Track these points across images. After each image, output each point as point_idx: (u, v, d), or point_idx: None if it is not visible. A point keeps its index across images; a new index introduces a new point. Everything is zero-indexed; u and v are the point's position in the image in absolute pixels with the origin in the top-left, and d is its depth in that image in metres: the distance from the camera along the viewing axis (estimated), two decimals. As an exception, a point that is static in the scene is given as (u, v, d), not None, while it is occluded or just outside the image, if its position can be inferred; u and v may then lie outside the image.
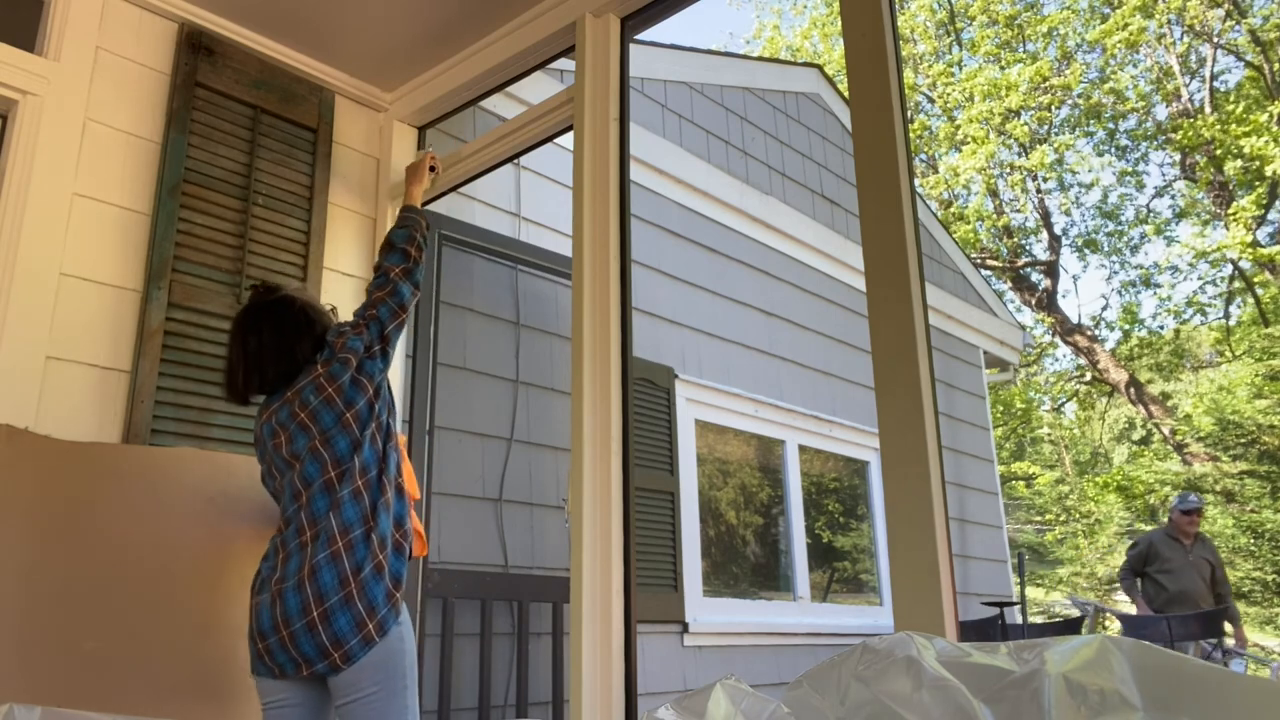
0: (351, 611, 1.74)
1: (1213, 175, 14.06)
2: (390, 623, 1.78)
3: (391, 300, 2.10)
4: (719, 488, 4.72)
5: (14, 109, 2.33)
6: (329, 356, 1.99)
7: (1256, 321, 14.32)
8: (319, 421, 1.91)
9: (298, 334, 2.03)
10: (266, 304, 2.07)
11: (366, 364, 1.99)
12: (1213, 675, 0.80)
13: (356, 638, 1.74)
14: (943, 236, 6.90)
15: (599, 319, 2.22)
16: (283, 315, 2.04)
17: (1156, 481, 13.01)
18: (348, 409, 1.92)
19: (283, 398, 1.99)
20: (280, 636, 1.77)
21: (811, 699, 0.94)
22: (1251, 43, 14.12)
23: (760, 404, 4.78)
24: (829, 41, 16.97)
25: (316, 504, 1.85)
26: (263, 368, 2.02)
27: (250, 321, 2.06)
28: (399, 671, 1.78)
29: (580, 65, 2.42)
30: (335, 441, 1.89)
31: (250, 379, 2.03)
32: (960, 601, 1.36)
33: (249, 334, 2.04)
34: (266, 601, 1.82)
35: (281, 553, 1.86)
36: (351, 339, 2.01)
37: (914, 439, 1.56)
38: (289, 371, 2.01)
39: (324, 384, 1.94)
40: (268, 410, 2.03)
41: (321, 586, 1.75)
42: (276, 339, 2.02)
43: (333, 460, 1.88)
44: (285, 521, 1.91)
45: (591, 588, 2.06)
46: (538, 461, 3.55)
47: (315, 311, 2.10)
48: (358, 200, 3.01)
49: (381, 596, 1.79)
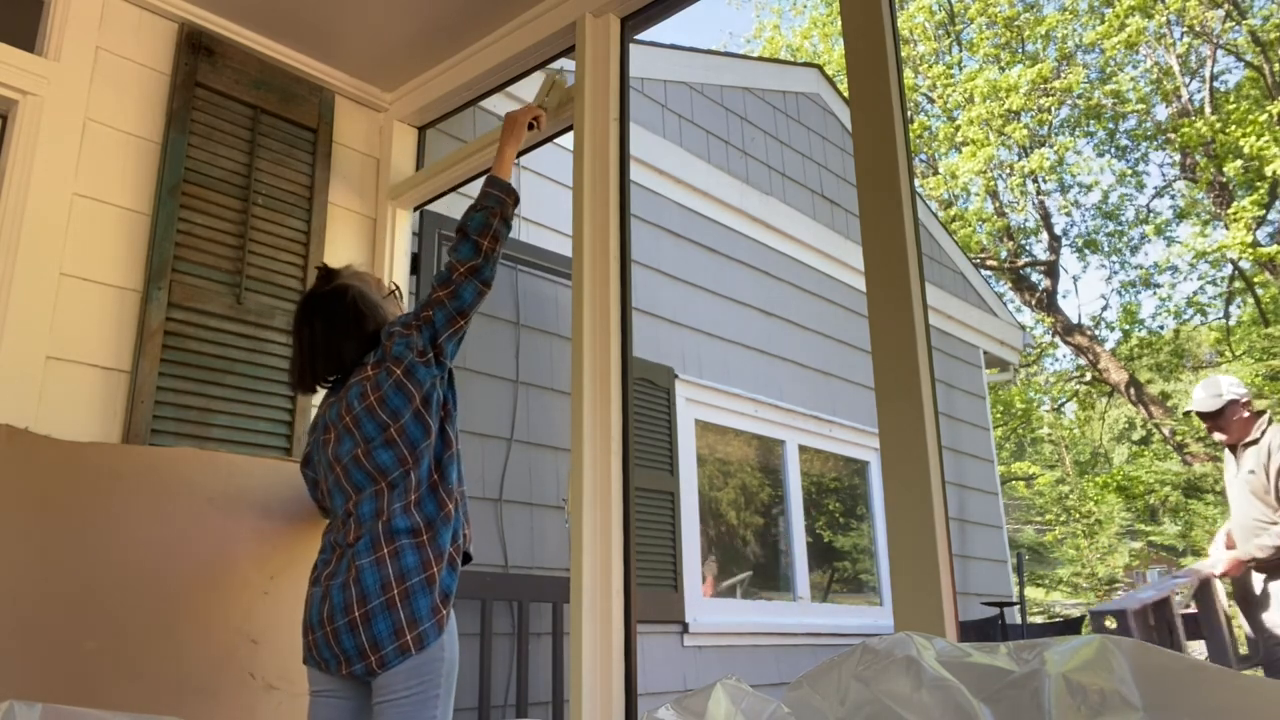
0: (392, 617, 1.71)
1: (1213, 175, 14.06)
2: (431, 637, 1.73)
3: (450, 304, 1.90)
4: (719, 488, 4.72)
5: (14, 109, 2.32)
6: (379, 359, 1.89)
7: (1256, 321, 14.31)
8: (362, 429, 1.85)
9: (345, 332, 1.95)
10: (320, 295, 2.00)
11: (418, 370, 1.85)
12: (1213, 675, 0.80)
13: (393, 645, 1.70)
14: (943, 237, 6.90)
15: (599, 319, 2.22)
16: (333, 310, 1.97)
17: (1156, 481, 13.01)
18: (393, 421, 1.82)
19: (339, 393, 1.95)
20: (325, 632, 1.77)
21: (811, 699, 0.94)
22: (1251, 43, 14.12)
23: (760, 404, 4.78)
24: (829, 41, 16.97)
25: (364, 509, 1.81)
26: (314, 362, 1.99)
27: (305, 312, 2.01)
28: (434, 680, 1.73)
29: (580, 65, 2.42)
30: (378, 454, 1.82)
31: (306, 371, 2.00)
32: (960, 601, 1.36)
33: (303, 325, 2.00)
34: (318, 595, 1.81)
35: (336, 549, 1.85)
36: (399, 343, 1.88)
37: (914, 439, 1.56)
38: (339, 368, 1.97)
39: (368, 390, 1.86)
40: (326, 402, 2.01)
41: (365, 589, 1.73)
42: (326, 335, 1.96)
43: (378, 472, 1.82)
44: (338, 519, 1.88)
45: (591, 588, 2.06)
46: (538, 461, 3.55)
47: (368, 305, 1.98)
48: (358, 200, 3.01)
49: (426, 609, 1.73)
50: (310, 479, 2.09)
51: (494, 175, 2.09)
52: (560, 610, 3.30)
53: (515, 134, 2.27)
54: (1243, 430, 3.74)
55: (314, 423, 2.06)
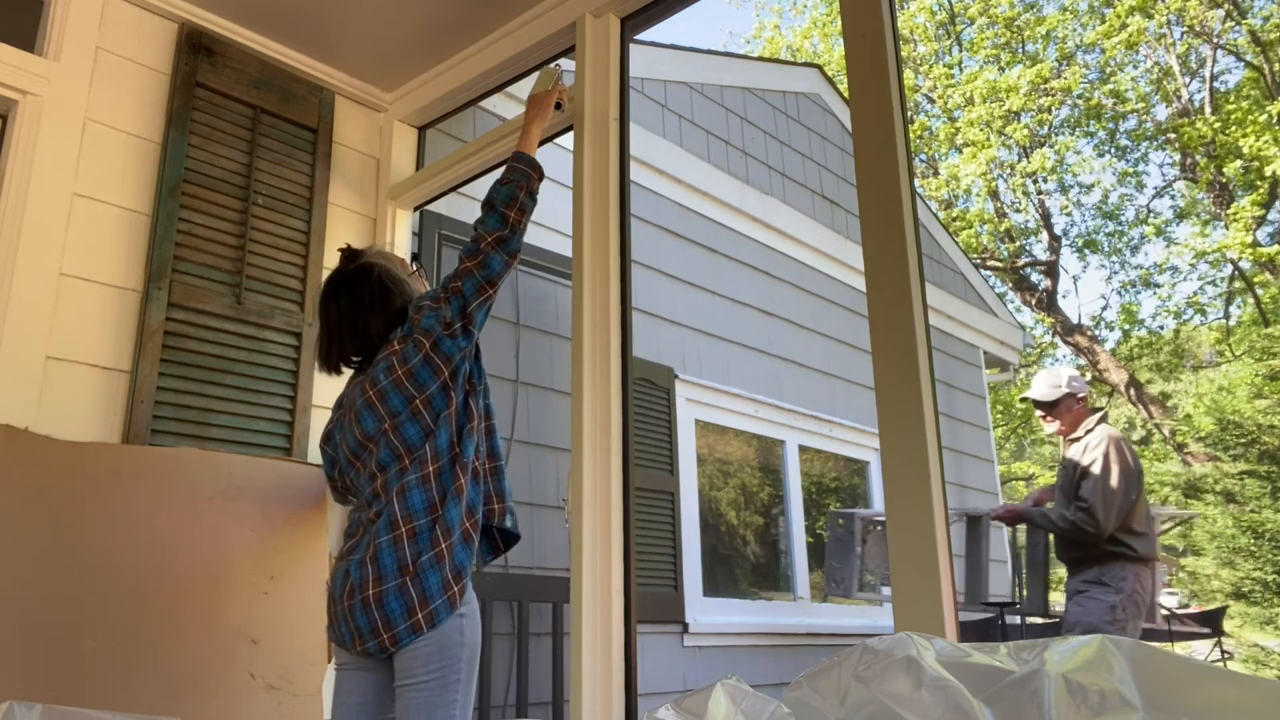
0: (404, 597, 1.72)
1: (1213, 175, 14.06)
2: (443, 614, 1.73)
3: (479, 273, 1.91)
4: (719, 488, 4.72)
5: (14, 109, 2.32)
6: (406, 333, 1.90)
7: (1256, 321, 14.31)
8: (387, 403, 1.85)
9: (372, 309, 1.96)
10: (346, 274, 2.01)
11: (445, 343, 1.86)
12: (1213, 675, 0.80)
13: (405, 624, 1.72)
14: (943, 237, 6.90)
15: (599, 319, 2.22)
16: (359, 288, 1.98)
17: (1156, 481, 13.00)
18: (419, 393, 1.83)
19: (366, 372, 1.96)
20: (343, 606, 1.79)
21: (811, 699, 0.94)
22: (1251, 43, 14.12)
23: (760, 404, 4.78)
24: (829, 41, 16.97)
25: (389, 487, 1.83)
26: (341, 341, 1.99)
27: (331, 290, 2.02)
28: (454, 666, 1.74)
29: (580, 65, 2.42)
30: (405, 428, 1.83)
31: (332, 351, 2.01)
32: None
33: (329, 304, 2.01)
34: (341, 570, 1.83)
35: (360, 527, 1.87)
36: (427, 316, 1.88)
37: (914, 439, 1.56)
38: (364, 347, 1.98)
39: (395, 365, 1.86)
40: (352, 382, 2.02)
41: (382, 568, 1.74)
42: (353, 313, 1.97)
43: (405, 447, 1.83)
44: (364, 498, 1.90)
45: (591, 588, 2.06)
46: (538, 461, 3.55)
47: (394, 282, 2.00)
48: (358, 200, 3.01)
49: (437, 586, 1.73)
50: (329, 456, 2.09)
51: (520, 151, 2.11)
52: (560, 610, 3.30)
53: (542, 113, 2.28)
54: (1072, 424, 3.77)
55: (338, 401, 2.07)
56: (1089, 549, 3.47)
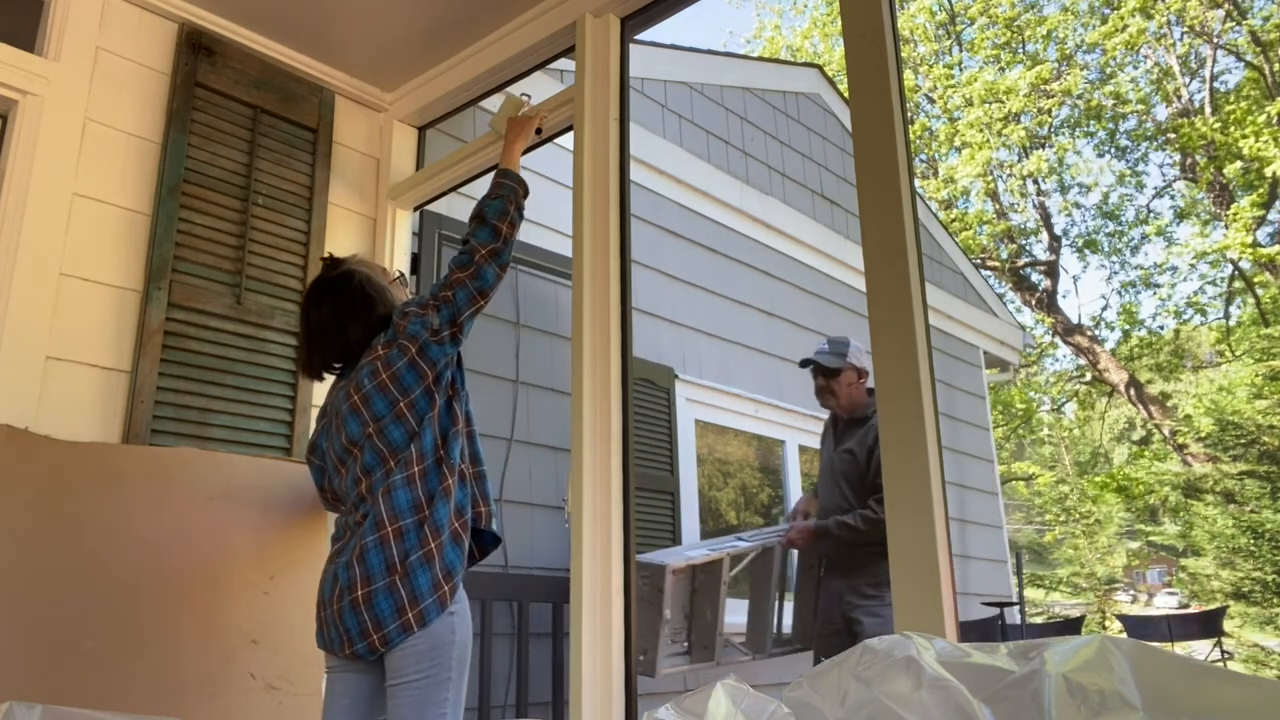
0: (394, 597, 1.73)
1: (1213, 175, 14.07)
2: (433, 614, 1.74)
3: (472, 284, 1.93)
4: (719, 488, 4.72)
5: (14, 109, 2.32)
6: (391, 338, 1.91)
7: (1256, 321, 14.32)
8: (372, 407, 1.86)
9: (353, 315, 1.98)
10: (328, 280, 2.03)
11: (431, 349, 1.88)
12: (1213, 675, 0.80)
13: (395, 623, 1.72)
14: (943, 237, 6.90)
15: (599, 319, 2.22)
16: (340, 294, 2.00)
17: (1156, 482, 13.01)
18: (403, 396, 1.85)
19: (348, 377, 1.98)
20: (332, 610, 1.79)
21: (811, 699, 0.94)
22: (1251, 43, 14.12)
23: (760, 404, 4.78)
24: (829, 41, 16.98)
25: (374, 489, 1.84)
26: (322, 346, 2.01)
27: (313, 296, 2.04)
28: (444, 664, 1.74)
29: (580, 65, 2.42)
30: (389, 431, 1.85)
31: (314, 356, 2.03)
32: (960, 601, 1.36)
33: (311, 310, 2.03)
34: (329, 574, 1.84)
35: (346, 530, 1.88)
36: (414, 322, 1.90)
37: (914, 439, 1.56)
38: (344, 352, 1.99)
39: (380, 369, 1.88)
40: (335, 388, 2.03)
41: (369, 569, 1.75)
42: (333, 319, 1.99)
43: (389, 450, 1.84)
44: (350, 502, 1.91)
45: (591, 588, 2.06)
46: (538, 461, 3.55)
47: (375, 289, 2.02)
48: (358, 200, 3.01)
49: (427, 585, 1.74)
50: (317, 467, 2.09)
51: (505, 168, 2.15)
52: (560, 610, 3.30)
53: (524, 134, 2.34)
54: (849, 401, 3.38)
55: (322, 410, 2.08)
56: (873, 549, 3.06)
